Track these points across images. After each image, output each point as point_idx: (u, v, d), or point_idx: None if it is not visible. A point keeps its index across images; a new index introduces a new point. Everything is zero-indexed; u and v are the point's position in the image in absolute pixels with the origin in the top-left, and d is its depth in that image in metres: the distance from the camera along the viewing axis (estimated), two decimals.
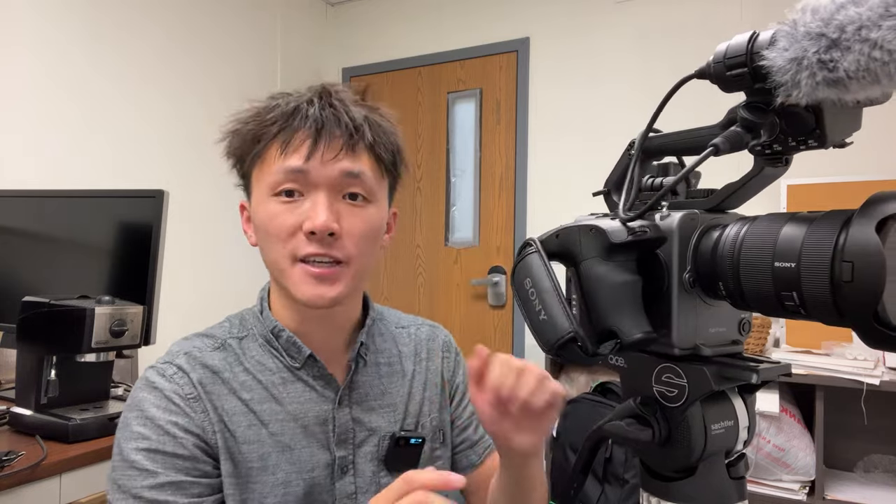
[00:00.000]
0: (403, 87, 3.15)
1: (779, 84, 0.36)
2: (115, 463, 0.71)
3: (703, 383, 0.42)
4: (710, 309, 0.45)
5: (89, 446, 1.19)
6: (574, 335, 0.43)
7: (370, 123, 0.74)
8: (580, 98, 2.74)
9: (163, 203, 1.40)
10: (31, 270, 1.50)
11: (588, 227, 0.45)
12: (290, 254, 0.71)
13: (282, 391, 0.76)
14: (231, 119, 0.77)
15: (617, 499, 1.94)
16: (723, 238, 0.42)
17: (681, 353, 0.44)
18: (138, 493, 0.68)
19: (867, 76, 0.33)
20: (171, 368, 0.74)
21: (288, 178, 0.70)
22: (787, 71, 0.35)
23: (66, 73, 2.11)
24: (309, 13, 3.24)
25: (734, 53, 0.39)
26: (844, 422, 2.10)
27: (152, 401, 0.71)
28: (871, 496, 1.91)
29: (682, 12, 2.53)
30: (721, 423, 0.44)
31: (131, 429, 0.71)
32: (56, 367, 1.23)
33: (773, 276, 0.38)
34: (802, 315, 0.37)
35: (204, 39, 2.62)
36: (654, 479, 0.46)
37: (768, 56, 0.36)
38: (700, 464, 0.44)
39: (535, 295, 0.45)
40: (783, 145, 0.41)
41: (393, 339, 0.88)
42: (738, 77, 0.39)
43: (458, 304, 3.03)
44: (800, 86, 0.35)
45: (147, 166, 2.38)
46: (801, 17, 0.35)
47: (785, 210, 2.11)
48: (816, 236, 0.36)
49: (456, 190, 3.06)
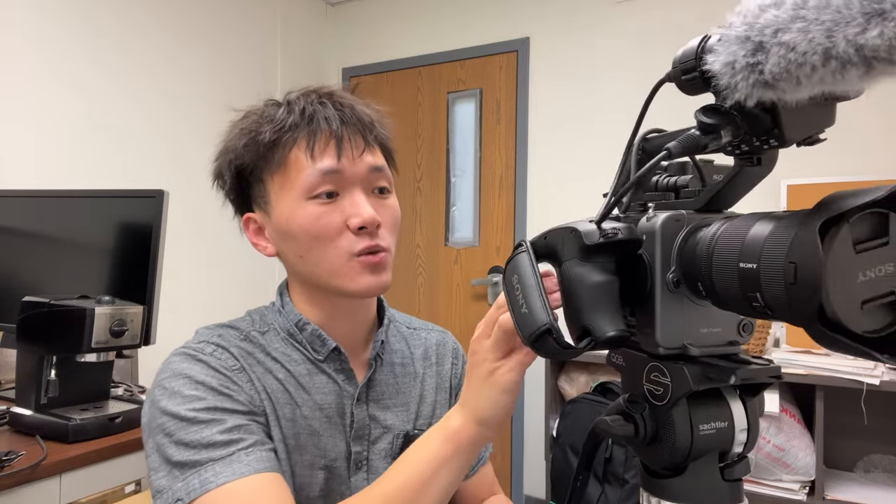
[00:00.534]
0: (403, 87, 3.15)
1: (721, 87, 0.37)
2: (168, 426, 0.66)
3: (683, 383, 0.43)
4: (700, 309, 0.45)
5: (89, 446, 1.19)
6: (549, 327, 0.45)
7: (375, 120, 0.77)
8: (580, 98, 2.74)
9: (163, 203, 1.40)
10: (31, 270, 1.50)
11: (569, 230, 0.46)
12: (344, 251, 0.72)
13: (308, 381, 0.77)
14: (228, 135, 0.77)
15: (617, 499, 1.94)
16: (700, 238, 0.42)
17: (665, 353, 0.44)
18: (210, 439, 0.65)
19: (789, 77, 0.33)
20: (208, 347, 0.73)
21: (324, 179, 0.72)
22: (724, 74, 0.36)
23: (67, 72, 2.11)
24: (309, 13, 3.24)
25: (685, 58, 0.40)
26: (844, 422, 2.10)
27: (199, 370, 0.70)
28: (871, 496, 1.91)
29: (681, 12, 2.53)
30: (711, 423, 0.44)
31: (183, 394, 0.67)
32: (56, 367, 1.23)
33: (739, 276, 0.38)
34: (770, 315, 0.37)
35: (204, 39, 2.62)
36: (650, 477, 0.46)
37: (708, 61, 0.37)
38: (690, 463, 0.44)
39: (519, 290, 0.48)
40: (749, 145, 0.41)
41: (405, 340, 0.89)
42: (692, 81, 0.40)
43: (458, 304, 3.03)
44: (738, 88, 0.36)
45: (147, 166, 2.38)
46: (734, 20, 0.35)
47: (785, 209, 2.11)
48: (775, 237, 0.36)
49: (456, 190, 3.06)
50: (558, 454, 2.17)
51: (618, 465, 1.96)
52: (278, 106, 0.76)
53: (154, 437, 0.67)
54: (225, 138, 0.78)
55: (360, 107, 0.76)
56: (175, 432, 0.66)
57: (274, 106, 0.76)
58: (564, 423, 2.18)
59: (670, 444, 0.44)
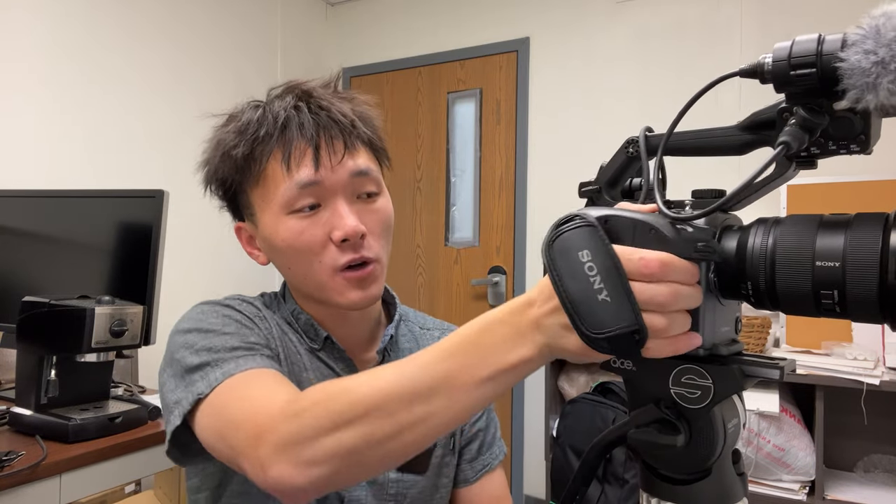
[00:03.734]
0: (403, 87, 3.15)
1: (852, 87, 0.37)
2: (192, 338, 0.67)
3: (731, 383, 0.42)
4: (720, 309, 0.45)
5: (89, 446, 1.19)
6: (638, 328, 0.40)
7: (360, 116, 0.74)
8: (580, 98, 2.74)
9: (163, 203, 1.40)
10: (31, 270, 1.50)
11: (647, 227, 0.42)
12: (328, 266, 0.70)
13: (308, 365, 0.76)
14: (209, 145, 0.75)
15: (617, 499, 1.94)
16: (751, 239, 0.42)
17: (704, 354, 0.44)
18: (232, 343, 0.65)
19: None
20: (233, 300, 0.75)
21: (303, 192, 0.69)
22: (869, 74, 0.36)
23: (67, 72, 2.11)
24: (309, 13, 3.24)
25: (802, 53, 0.39)
26: (844, 422, 2.10)
27: (223, 310, 0.71)
28: (871, 496, 1.91)
29: (682, 12, 2.53)
30: (733, 420, 0.45)
31: (208, 320, 0.69)
32: (56, 367, 1.23)
33: (814, 275, 0.39)
34: (836, 313, 0.39)
35: (204, 40, 2.62)
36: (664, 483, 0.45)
37: (849, 58, 0.37)
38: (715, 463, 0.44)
39: (594, 270, 0.41)
40: (822, 149, 0.41)
41: (415, 341, 0.87)
42: (803, 77, 0.39)
43: (458, 304, 3.03)
44: (877, 89, 0.36)
45: (147, 166, 2.38)
46: (883, 22, 0.36)
47: (785, 210, 2.10)
48: (861, 235, 0.38)
49: (456, 190, 3.06)
50: (558, 454, 2.17)
51: (618, 465, 1.96)
52: (257, 109, 0.73)
53: (173, 360, 0.67)
54: (206, 148, 0.76)
55: (340, 104, 0.72)
56: (197, 342, 0.66)
57: (252, 109, 0.73)
58: (564, 423, 2.18)
59: (707, 447, 0.43)
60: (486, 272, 2.95)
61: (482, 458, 0.87)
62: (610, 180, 0.54)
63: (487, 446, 0.88)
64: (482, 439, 0.88)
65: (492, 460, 0.88)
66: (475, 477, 0.87)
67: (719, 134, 0.47)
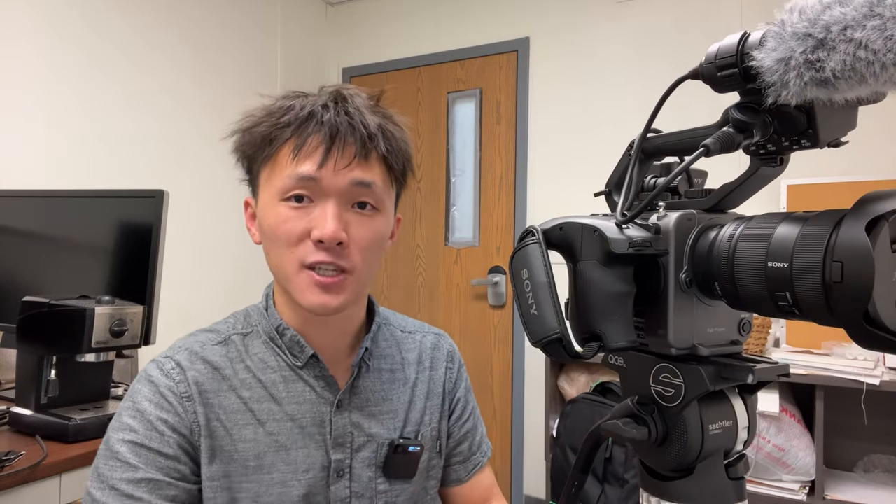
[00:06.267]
0: (403, 87, 3.15)
1: (768, 84, 0.36)
2: (101, 450, 0.71)
3: (699, 383, 0.43)
4: (708, 309, 0.45)
5: (89, 446, 1.19)
6: (560, 336, 0.43)
7: (384, 132, 0.73)
8: (580, 98, 2.74)
9: (163, 203, 1.40)
10: (31, 270, 1.50)
11: (592, 229, 0.44)
12: (297, 260, 0.70)
13: (281, 390, 0.76)
14: (242, 116, 0.76)
15: (617, 499, 1.94)
16: (718, 238, 0.42)
17: (677, 353, 0.44)
18: (115, 484, 0.68)
19: (853, 76, 0.33)
20: (169, 363, 0.74)
21: (299, 184, 0.70)
22: (775, 71, 0.35)
23: (68, 72, 2.11)
24: (309, 13, 3.24)
25: (725, 54, 0.39)
26: (844, 422, 2.10)
27: (146, 394, 0.72)
28: (871, 496, 1.91)
29: (682, 12, 2.53)
30: (719, 423, 0.44)
31: (122, 419, 0.72)
32: (56, 367, 1.23)
33: (766, 276, 0.38)
34: (797, 315, 0.37)
35: (204, 39, 2.62)
36: (654, 479, 0.46)
37: (757, 56, 0.36)
38: (698, 464, 0.44)
39: (529, 287, 0.45)
40: (777, 145, 0.41)
41: (397, 345, 0.87)
42: (729, 78, 0.39)
43: (458, 304, 3.03)
44: (788, 86, 0.35)
45: (147, 166, 2.38)
46: (788, 17, 0.35)
47: (785, 210, 2.11)
48: (808, 236, 0.36)
49: (456, 190, 3.06)
50: (558, 454, 2.17)
51: (618, 465, 1.96)
52: (295, 98, 0.74)
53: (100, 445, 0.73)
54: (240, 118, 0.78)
55: (369, 116, 0.72)
56: (100, 456, 0.71)
57: (291, 97, 0.74)
58: (564, 423, 2.18)
59: (682, 446, 0.43)
60: (486, 272, 2.95)
61: (473, 458, 0.93)
62: (617, 182, 0.54)
63: (477, 446, 0.93)
64: (471, 440, 0.92)
65: (481, 458, 0.93)
66: (468, 476, 0.92)
67: (702, 134, 0.47)
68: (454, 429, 0.90)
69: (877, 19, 0.31)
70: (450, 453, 0.91)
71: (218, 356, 0.76)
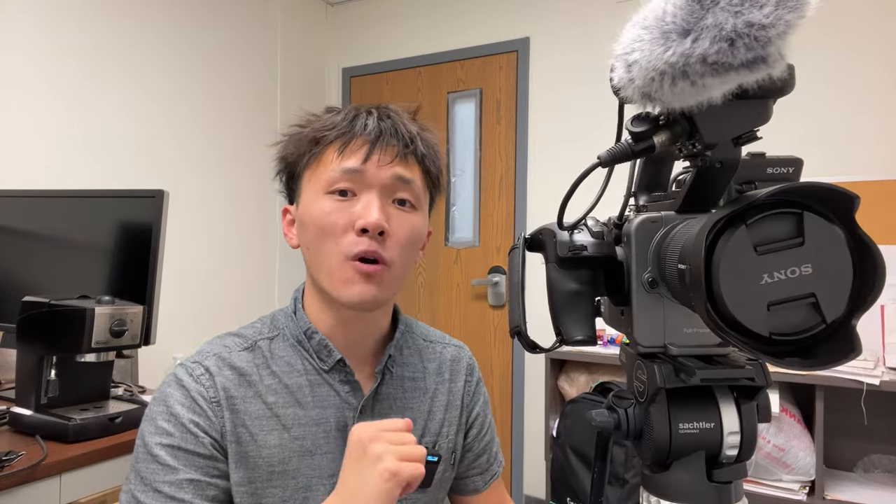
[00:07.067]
0: (403, 87, 3.15)
1: (628, 100, 0.39)
2: (139, 454, 0.72)
3: (654, 380, 0.44)
4: (684, 310, 0.45)
5: (89, 446, 1.19)
6: (519, 331, 0.50)
7: (422, 138, 0.78)
8: (580, 98, 2.74)
9: (163, 203, 1.40)
10: (31, 270, 1.50)
11: (551, 233, 0.49)
12: (342, 251, 0.72)
13: (307, 394, 0.77)
14: (289, 126, 0.81)
15: (617, 499, 1.94)
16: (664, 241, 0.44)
17: (644, 351, 0.46)
18: (158, 486, 0.69)
19: (658, 89, 0.36)
20: (199, 369, 0.75)
21: (344, 177, 0.73)
22: (625, 88, 0.38)
23: (67, 71, 2.11)
24: (309, 13, 3.24)
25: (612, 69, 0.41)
26: (844, 422, 2.10)
27: (178, 398, 0.73)
28: (871, 496, 1.91)
29: None
30: (694, 423, 0.43)
31: (156, 423, 0.72)
32: (56, 367, 1.23)
33: (679, 278, 0.39)
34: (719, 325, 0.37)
35: (204, 40, 2.62)
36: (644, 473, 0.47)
37: (612, 77, 0.39)
38: (674, 462, 0.44)
39: (508, 287, 0.53)
40: (685, 148, 0.42)
41: (419, 354, 0.88)
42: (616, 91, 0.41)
43: (458, 304, 3.03)
44: (632, 101, 0.38)
45: (146, 166, 2.38)
46: (623, 33, 0.39)
47: None
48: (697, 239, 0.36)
49: (456, 190, 3.06)
50: (558, 454, 2.17)
51: (618, 465, 1.96)
52: (331, 111, 0.79)
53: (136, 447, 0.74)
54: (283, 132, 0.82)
55: (408, 123, 0.78)
56: (140, 459, 0.72)
57: (328, 109, 0.80)
58: (564, 423, 2.18)
59: (650, 441, 0.44)
60: (486, 272, 2.95)
61: (491, 469, 0.95)
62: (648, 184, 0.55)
63: (494, 457, 0.96)
64: (489, 452, 0.95)
65: (497, 469, 0.97)
66: (485, 486, 0.94)
67: None
68: (475, 443, 0.92)
69: (638, 42, 0.36)
70: (469, 465, 0.92)
71: (244, 362, 0.76)
